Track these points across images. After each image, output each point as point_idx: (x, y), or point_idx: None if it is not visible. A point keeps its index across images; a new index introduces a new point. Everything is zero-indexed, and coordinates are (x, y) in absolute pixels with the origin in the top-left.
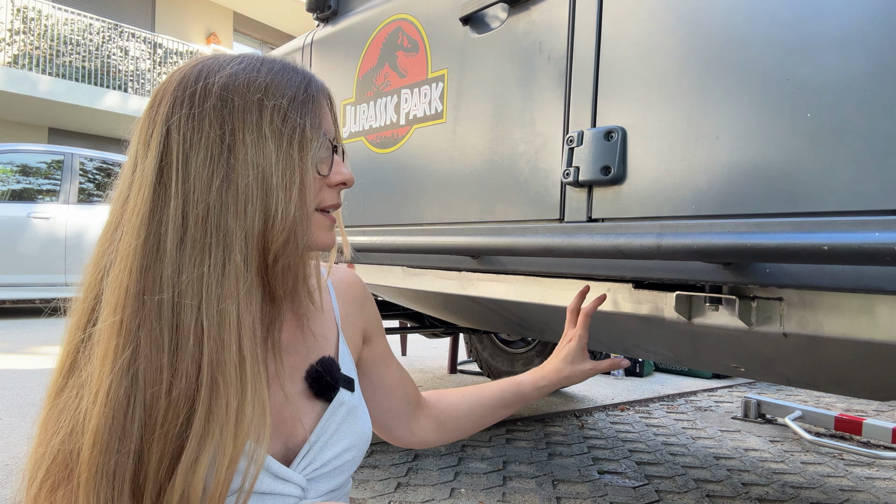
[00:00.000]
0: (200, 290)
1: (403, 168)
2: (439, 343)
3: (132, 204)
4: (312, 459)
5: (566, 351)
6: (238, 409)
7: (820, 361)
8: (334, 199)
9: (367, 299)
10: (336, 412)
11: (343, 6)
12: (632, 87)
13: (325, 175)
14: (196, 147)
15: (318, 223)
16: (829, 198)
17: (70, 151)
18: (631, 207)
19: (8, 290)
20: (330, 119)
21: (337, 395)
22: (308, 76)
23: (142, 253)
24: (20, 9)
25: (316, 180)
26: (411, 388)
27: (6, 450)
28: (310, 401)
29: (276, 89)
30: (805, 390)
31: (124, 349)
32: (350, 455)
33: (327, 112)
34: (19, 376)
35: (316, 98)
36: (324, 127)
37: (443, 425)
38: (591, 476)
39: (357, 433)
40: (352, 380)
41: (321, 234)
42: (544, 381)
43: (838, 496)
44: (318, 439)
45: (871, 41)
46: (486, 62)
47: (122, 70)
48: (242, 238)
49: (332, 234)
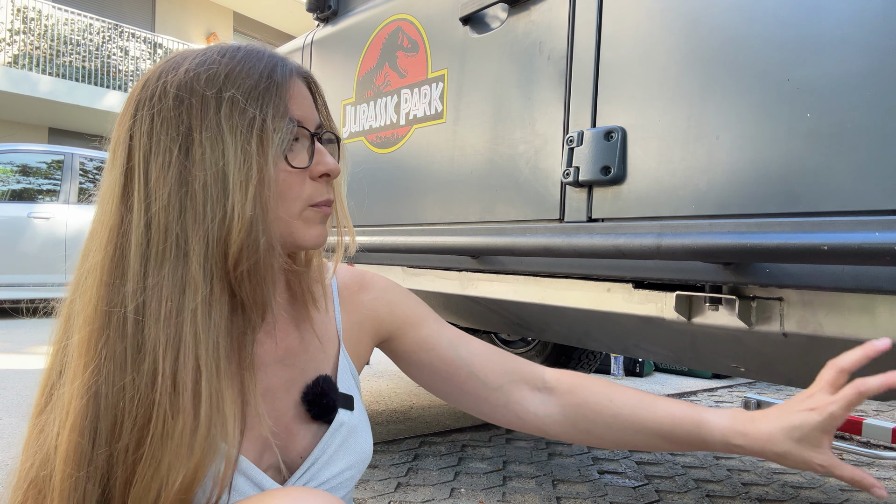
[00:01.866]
0: (160, 304)
1: (403, 168)
2: None
3: (100, 214)
4: (310, 479)
5: (800, 421)
6: (193, 429)
7: (820, 361)
8: (323, 193)
9: (377, 300)
10: (336, 434)
11: (343, 6)
12: (632, 88)
13: (302, 167)
14: (155, 151)
15: (307, 219)
16: (829, 198)
17: (70, 151)
18: (631, 207)
19: (8, 290)
20: (307, 105)
21: (336, 417)
22: (274, 61)
23: (108, 266)
24: (20, 9)
25: (293, 174)
26: (483, 364)
27: (6, 450)
28: (306, 419)
29: (234, 80)
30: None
31: (87, 368)
32: (349, 474)
33: (302, 98)
34: (19, 376)
35: (282, 84)
36: (295, 114)
37: (571, 420)
38: (591, 476)
39: (357, 453)
40: (351, 398)
41: (310, 230)
42: (742, 441)
43: (838, 496)
44: (316, 460)
45: (871, 41)
46: (486, 62)
47: (122, 70)
48: (203, 245)
49: (319, 230)
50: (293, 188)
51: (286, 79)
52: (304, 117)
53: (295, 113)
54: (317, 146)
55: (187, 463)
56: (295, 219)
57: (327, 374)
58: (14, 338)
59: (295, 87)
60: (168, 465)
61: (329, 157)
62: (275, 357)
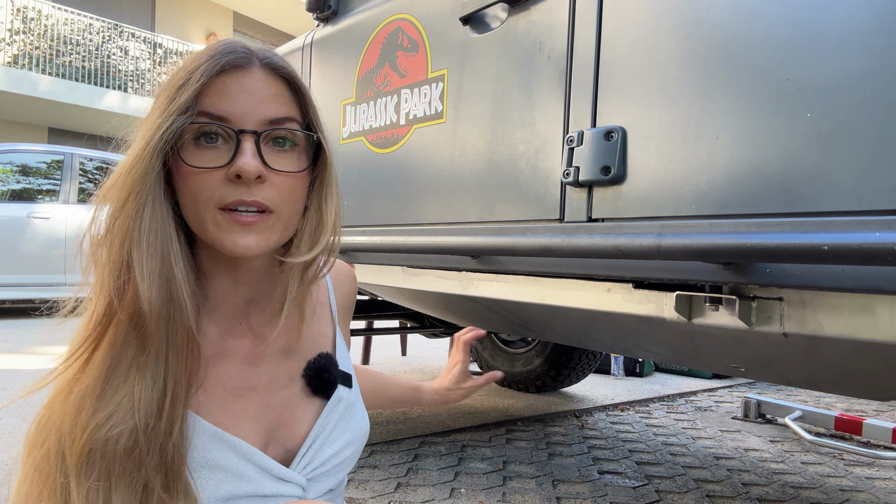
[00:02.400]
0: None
1: (403, 168)
2: (439, 343)
3: None
4: (312, 458)
5: (454, 373)
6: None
7: (820, 361)
8: (235, 194)
9: (352, 293)
10: (334, 409)
11: (343, 6)
12: (632, 87)
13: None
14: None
15: (219, 223)
16: (829, 198)
17: (70, 151)
18: (631, 207)
19: (8, 290)
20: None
21: (335, 392)
22: (216, 55)
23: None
24: (20, 9)
25: (202, 173)
26: None
27: (6, 450)
28: (308, 398)
29: (175, 75)
30: (805, 390)
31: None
32: (349, 451)
33: (237, 92)
34: (19, 376)
35: (200, 79)
36: (207, 108)
37: None
38: (591, 476)
39: (355, 429)
40: (349, 375)
41: (223, 236)
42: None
43: (838, 496)
44: (317, 437)
45: (871, 41)
46: (486, 62)
47: (122, 70)
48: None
49: (241, 238)
50: (203, 189)
51: (209, 73)
52: (232, 113)
53: (209, 107)
54: (242, 145)
55: None
56: (207, 223)
57: (328, 351)
58: (14, 338)
59: (230, 81)
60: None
61: (245, 156)
62: (278, 348)
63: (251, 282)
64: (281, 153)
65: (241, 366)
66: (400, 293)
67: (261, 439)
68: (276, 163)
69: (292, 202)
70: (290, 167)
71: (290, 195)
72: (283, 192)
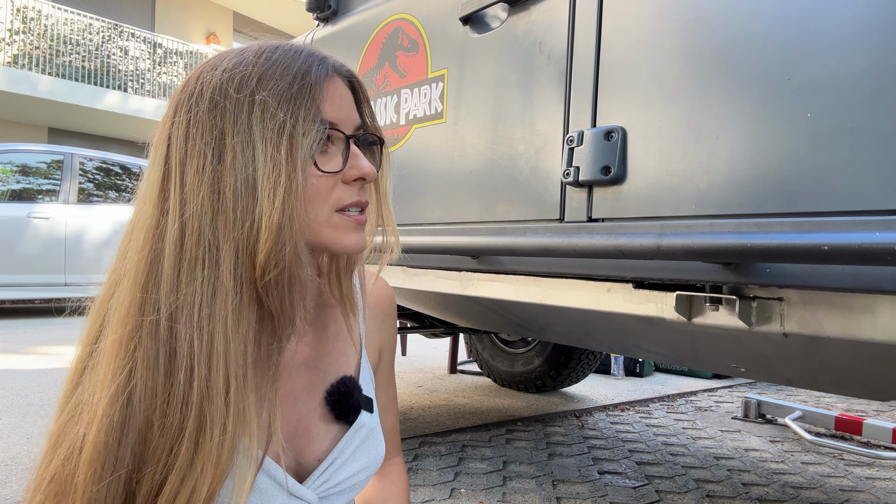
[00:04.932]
0: (192, 310)
1: (403, 168)
2: (439, 343)
3: (139, 214)
4: (327, 479)
5: None
6: (220, 443)
7: (820, 361)
8: (353, 196)
9: (390, 318)
10: (356, 435)
11: (343, 6)
12: (632, 87)
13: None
14: (190, 154)
15: (336, 225)
16: (829, 198)
17: (70, 151)
18: (631, 207)
19: (8, 290)
20: (345, 106)
21: (358, 418)
22: (311, 61)
23: (144, 269)
24: (20, 9)
25: (323, 178)
26: (390, 441)
27: (6, 450)
28: (328, 420)
29: (267, 82)
30: (805, 390)
31: (122, 370)
32: (363, 475)
33: (339, 99)
34: (19, 376)
35: (315, 85)
36: (329, 116)
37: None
38: (591, 476)
39: (373, 455)
40: (371, 400)
41: (343, 237)
42: None
43: (838, 496)
44: (334, 460)
45: (871, 41)
46: (486, 62)
47: (122, 70)
48: (233, 253)
49: (357, 237)
50: (322, 193)
51: (320, 79)
52: (340, 119)
53: (329, 115)
54: (352, 149)
55: (213, 472)
56: (323, 225)
57: (351, 374)
58: (14, 338)
59: (332, 87)
60: (199, 471)
61: (364, 160)
62: (298, 360)
63: None
64: (370, 157)
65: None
66: (400, 293)
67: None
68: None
69: (384, 200)
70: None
71: (382, 193)
72: (381, 191)
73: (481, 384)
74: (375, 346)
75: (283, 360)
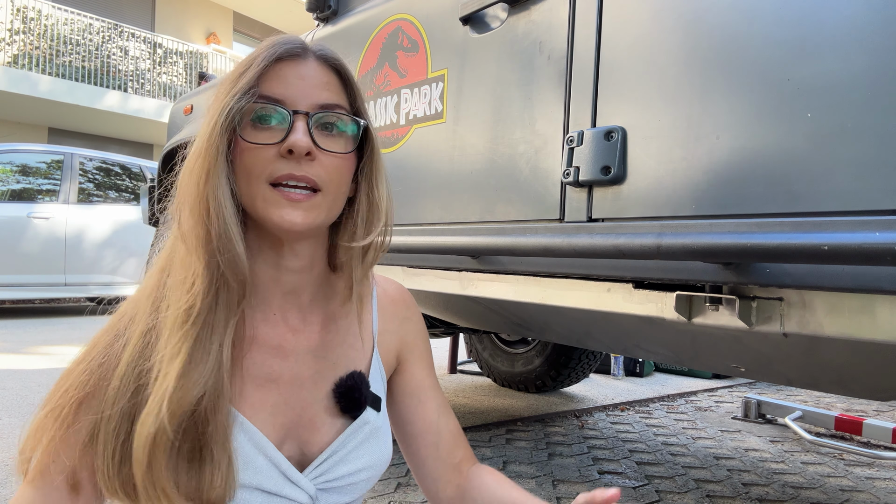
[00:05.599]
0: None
1: (403, 168)
2: (439, 343)
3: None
4: (325, 471)
5: None
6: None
7: (820, 361)
8: (287, 169)
9: (410, 320)
10: (359, 431)
11: (343, 6)
12: (632, 87)
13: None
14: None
15: (266, 198)
16: (829, 198)
17: (70, 151)
18: (631, 207)
19: (8, 290)
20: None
21: (362, 414)
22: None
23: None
24: (20, 9)
25: (255, 150)
26: (448, 443)
27: (6, 450)
28: (333, 412)
29: (236, 67)
30: (805, 390)
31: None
32: (365, 475)
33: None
34: (19, 376)
35: (258, 66)
36: (270, 92)
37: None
38: (592, 476)
39: (376, 455)
40: (379, 399)
41: (271, 211)
42: None
43: (838, 496)
44: (334, 453)
45: (871, 41)
46: (486, 62)
47: (122, 70)
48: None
49: (286, 213)
50: (257, 165)
51: (268, 59)
52: (289, 96)
53: (271, 91)
54: (295, 124)
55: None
56: (256, 198)
57: (361, 370)
58: (14, 338)
59: (287, 67)
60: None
61: (298, 133)
62: (308, 347)
63: (293, 270)
64: (329, 137)
65: (266, 355)
66: None
67: (277, 434)
68: (326, 144)
69: (338, 183)
70: (337, 150)
71: (336, 176)
72: (330, 171)
73: (481, 384)
74: (392, 347)
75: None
